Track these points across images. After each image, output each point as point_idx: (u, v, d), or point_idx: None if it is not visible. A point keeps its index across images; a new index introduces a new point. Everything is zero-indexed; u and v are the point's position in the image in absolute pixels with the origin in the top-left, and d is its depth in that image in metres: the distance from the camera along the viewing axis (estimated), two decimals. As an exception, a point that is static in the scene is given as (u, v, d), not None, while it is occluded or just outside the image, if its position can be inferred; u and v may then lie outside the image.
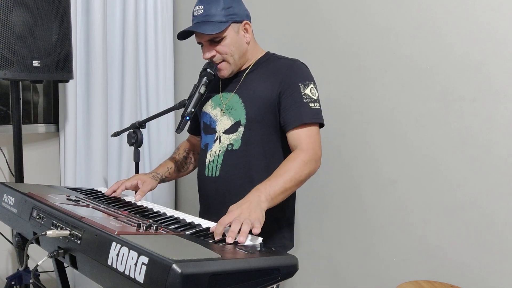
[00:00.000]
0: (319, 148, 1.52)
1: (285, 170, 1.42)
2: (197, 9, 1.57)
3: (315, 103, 1.55)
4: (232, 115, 1.61)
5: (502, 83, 1.56)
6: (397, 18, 1.83)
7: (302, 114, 1.51)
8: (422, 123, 1.77)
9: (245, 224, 1.18)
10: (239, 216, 1.21)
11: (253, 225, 1.19)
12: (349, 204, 2.03)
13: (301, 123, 1.51)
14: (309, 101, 1.53)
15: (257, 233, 1.19)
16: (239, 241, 1.14)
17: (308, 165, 1.44)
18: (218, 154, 1.61)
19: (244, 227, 1.17)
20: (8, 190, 1.50)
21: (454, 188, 1.69)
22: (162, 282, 0.85)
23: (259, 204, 1.29)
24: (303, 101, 1.53)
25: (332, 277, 2.12)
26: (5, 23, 1.86)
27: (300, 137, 1.51)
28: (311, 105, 1.53)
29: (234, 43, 1.58)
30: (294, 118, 1.52)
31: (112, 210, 1.40)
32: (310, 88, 1.56)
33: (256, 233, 1.19)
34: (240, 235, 1.15)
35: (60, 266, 1.50)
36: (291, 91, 1.54)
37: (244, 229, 1.16)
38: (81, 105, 2.52)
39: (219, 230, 1.17)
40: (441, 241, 1.74)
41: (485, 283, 1.62)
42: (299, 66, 1.61)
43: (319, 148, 1.51)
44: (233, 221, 1.19)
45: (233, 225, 1.17)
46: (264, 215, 1.28)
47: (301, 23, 2.17)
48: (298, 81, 1.55)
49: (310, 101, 1.53)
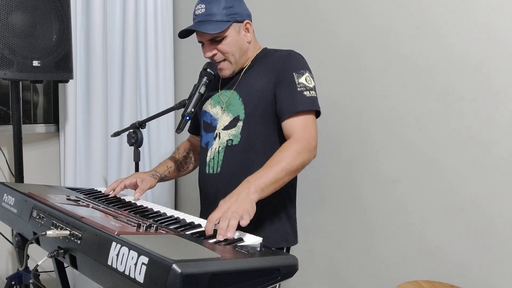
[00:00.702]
0: (314, 138, 1.48)
1: (277, 160, 1.40)
2: (199, 8, 1.56)
3: (311, 91, 1.52)
4: (231, 111, 1.61)
5: (502, 83, 1.56)
6: (397, 18, 1.83)
7: (297, 103, 1.49)
8: (422, 123, 1.77)
9: (232, 219, 1.18)
10: (226, 212, 1.22)
11: (241, 217, 1.20)
12: (349, 204, 2.03)
13: (295, 111, 1.49)
14: (303, 90, 1.51)
15: (245, 225, 1.19)
16: (228, 237, 1.15)
17: (301, 155, 1.42)
18: (218, 151, 1.61)
19: (231, 222, 1.18)
20: (8, 190, 1.50)
21: (454, 188, 1.69)
22: (162, 282, 0.85)
23: (248, 196, 1.29)
24: (297, 89, 1.51)
25: (332, 277, 2.12)
26: (5, 23, 1.86)
27: (294, 126, 1.49)
28: (306, 93, 1.51)
29: (235, 42, 1.58)
30: (289, 108, 1.50)
31: (112, 210, 1.40)
32: (305, 77, 1.54)
33: (244, 225, 1.19)
34: (228, 230, 1.16)
35: (60, 266, 1.50)
36: (286, 81, 1.53)
37: (232, 224, 1.17)
38: (81, 105, 2.52)
39: (209, 228, 1.19)
40: (441, 241, 1.74)
41: (485, 283, 1.62)
42: (293, 56, 1.60)
43: (313, 138, 1.48)
44: (221, 219, 1.20)
45: (221, 222, 1.18)
46: (255, 206, 1.28)
47: (301, 23, 2.18)
48: (292, 71, 1.54)
49: (305, 89, 1.51)
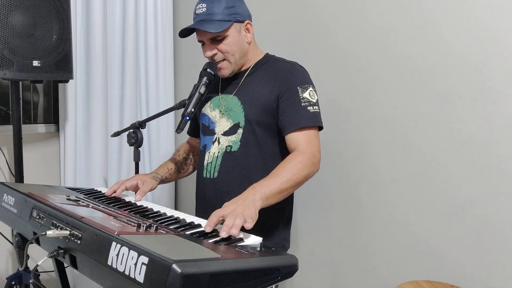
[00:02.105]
0: (318, 152, 1.51)
1: (282, 171, 1.41)
2: (200, 7, 1.56)
3: (314, 106, 1.54)
4: (231, 117, 1.61)
5: (502, 83, 1.56)
6: (397, 18, 1.83)
7: (300, 118, 1.51)
8: (422, 123, 1.77)
9: (238, 218, 1.18)
10: (233, 211, 1.22)
11: (245, 220, 1.20)
12: (349, 204, 2.03)
13: (299, 127, 1.50)
14: (307, 105, 1.52)
15: (249, 228, 1.19)
16: (232, 234, 1.15)
17: (306, 167, 1.44)
18: (217, 156, 1.61)
19: (237, 220, 1.18)
20: (8, 190, 1.50)
21: (454, 188, 1.69)
22: (162, 282, 0.85)
23: (254, 202, 1.29)
24: (301, 104, 1.52)
25: (332, 277, 2.12)
26: (5, 23, 1.86)
27: (299, 140, 1.50)
28: (310, 108, 1.53)
29: (236, 42, 1.58)
30: (292, 122, 1.51)
31: (112, 210, 1.40)
32: (309, 92, 1.55)
33: (248, 228, 1.19)
34: (233, 227, 1.16)
35: (60, 266, 1.50)
36: (290, 95, 1.53)
37: (237, 222, 1.17)
38: (81, 105, 2.52)
39: (212, 222, 1.19)
40: (440, 241, 1.74)
41: (485, 283, 1.62)
42: (298, 69, 1.61)
43: (318, 152, 1.50)
44: (227, 215, 1.20)
45: (227, 219, 1.18)
46: (257, 214, 1.28)
47: (301, 23, 2.17)
48: (296, 85, 1.55)
49: (309, 105, 1.53)
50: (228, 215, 1.20)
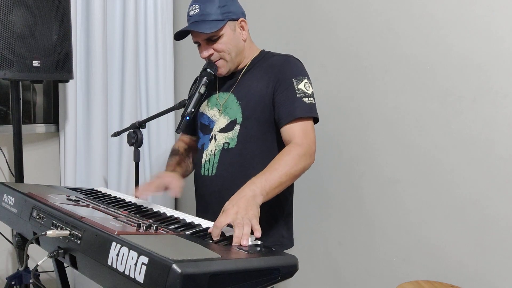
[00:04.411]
0: (314, 143, 1.50)
1: (280, 164, 1.40)
2: (193, 9, 1.56)
3: (309, 97, 1.54)
4: (228, 114, 1.61)
5: (502, 83, 1.56)
6: (397, 18, 1.83)
7: (296, 109, 1.51)
8: (422, 123, 1.77)
9: (246, 226, 1.17)
10: (237, 218, 1.19)
11: (253, 227, 1.19)
12: (349, 204, 2.03)
13: (294, 117, 1.50)
14: (302, 96, 1.52)
15: (259, 236, 1.18)
16: (243, 244, 1.13)
17: (303, 159, 1.43)
18: (214, 153, 1.61)
19: (245, 229, 1.16)
20: (8, 190, 1.50)
21: (454, 188, 1.69)
22: (162, 282, 0.85)
23: (254, 199, 1.28)
24: (296, 96, 1.52)
25: (332, 277, 2.12)
26: (5, 23, 1.86)
27: (294, 132, 1.50)
28: (305, 99, 1.52)
29: (231, 40, 1.58)
30: (288, 113, 1.51)
31: (112, 210, 1.40)
32: (304, 83, 1.55)
33: (258, 237, 1.18)
34: (243, 238, 1.14)
35: (60, 266, 1.51)
36: (285, 87, 1.54)
37: (246, 231, 1.15)
38: (81, 105, 2.52)
39: (216, 233, 1.17)
40: (441, 241, 1.74)
41: (485, 283, 1.62)
42: (292, 61, 1.61)
43: (313, 143, 1.50)
44: (234, 226, 1.17)
45: (237, 230, 1.15)
46: (259, 210, 1.27)
47: (301, 23, 2.17)
48: (291, 77, 1.55)
49: (304, 96, 1.53)
50: (235, 224, 1.17)
